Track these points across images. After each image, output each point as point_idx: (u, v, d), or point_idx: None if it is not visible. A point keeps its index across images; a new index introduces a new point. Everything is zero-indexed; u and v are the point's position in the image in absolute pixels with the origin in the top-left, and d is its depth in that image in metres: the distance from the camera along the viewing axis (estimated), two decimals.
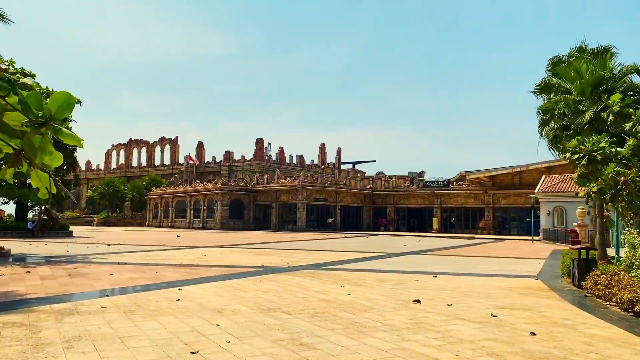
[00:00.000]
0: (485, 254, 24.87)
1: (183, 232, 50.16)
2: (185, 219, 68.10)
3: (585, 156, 13.18)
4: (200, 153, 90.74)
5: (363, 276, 13.75)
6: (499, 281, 13.35)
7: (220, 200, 61.97)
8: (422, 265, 17.99)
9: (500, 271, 16.29)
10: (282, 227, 59.64)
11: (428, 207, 61.52)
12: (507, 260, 20.94)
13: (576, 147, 14.26)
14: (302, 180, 57.63)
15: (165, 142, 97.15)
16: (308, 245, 29.23)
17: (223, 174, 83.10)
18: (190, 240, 33.47)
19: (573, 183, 43.10)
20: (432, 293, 10.82)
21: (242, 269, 15.38)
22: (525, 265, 18.70)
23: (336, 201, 60.62)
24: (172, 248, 25.68)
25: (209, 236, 41.02)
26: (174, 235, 41.16)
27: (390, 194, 63.99)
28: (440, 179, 64.04)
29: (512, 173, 55.66)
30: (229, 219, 62.20)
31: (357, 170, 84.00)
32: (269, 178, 64.02)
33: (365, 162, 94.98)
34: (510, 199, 56.23)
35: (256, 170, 78.83)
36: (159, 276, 13.50)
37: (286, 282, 12.33)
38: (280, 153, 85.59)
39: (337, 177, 65.50)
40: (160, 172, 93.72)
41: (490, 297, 10.49)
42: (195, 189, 67.29)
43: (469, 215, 59.32)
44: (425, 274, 14.75)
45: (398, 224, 63.02)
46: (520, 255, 24.58)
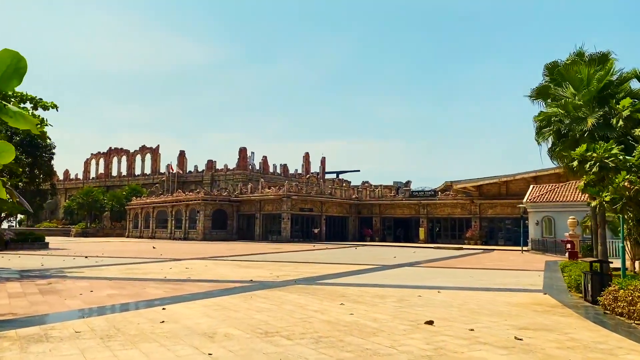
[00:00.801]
0: (479, 266, 24.12)
1: (164, 243, 48.74)
2: (167, 230, 66.55)
3: (596, 163, 12.51)
4: (182, 162, 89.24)
5: (361, 292, 12.82)
6: (506, 296, 12.52)
7: (203, 210, 60.64)
8: (419, 278, 17.13)
9: (502, 285, 15.49)
10: (266, 238, 58.47)
11: (414, 217, 60.85)
12: (504, 273, 20.18)
13: (584, 154, 13.61)
14: (286, 190, 56.62)
15: (146, 151, 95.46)
16: (295, 257, 28.20)
17: (205, 184, 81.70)
18: (173, 252, 32.22)
19: (562, 192, 42.84)
20: (440, 311, 9.93)
21: (230, 284, 14.35)
22: (525, 277, 17.93)
23: (321, 211, 59.67)
24: (153, 260, 24.49)
25: (192, 247, 39.75)
26: (156, 247, 39.81)
27: (376, 203, 63.24)
28: (426, 188, 63.53)
29: (499, 183, 55.29)
30: (211, 230, 60.86)
31: (342, 179, 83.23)
32: (253, 188, 62.90)
33: (349, 171, 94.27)
34: (497, 208, 55.82)
35: (239, 179, 77.62)
36: (140, 293, 12.42)
37: (280, 299, 11.34)
38: (263, 162, 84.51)
39: (322, 186, 64.60)
40: (140, 181, 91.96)
41: (504, 315, 9.64)
42: (177, 198, 65.85)
43: (456, 225, 58.77)
44: (425, 288, 13.87)
45: (384, 234, 62.22)
46: (515, 266, 23.87)
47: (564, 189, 43.36)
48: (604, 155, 12.29)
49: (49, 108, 16.37)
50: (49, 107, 16.33)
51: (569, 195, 42.09)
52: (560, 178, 50.62)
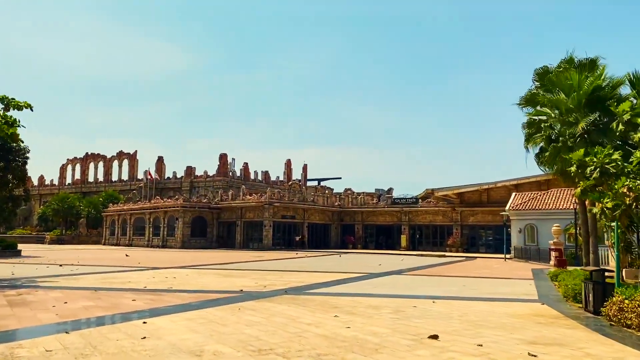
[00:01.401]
0: (466, 274, 23.70)
1: (142, 251, 47.52)
2: (144, 237, 65.08)
3: (596, 168, 12.14)
4: (160, 168, 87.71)
5: (354, 302, 12.20)
6: (504, 307, 12.03)
7: (182, 217, 59.41)
8: (410, 287, 16.58)
9: (495, 294, 15.03)
10: (247, 246, 57.49)
11: (396, 224, 60.52)
12: (493, 281, 19.76)
13: (582, 158, 13.27)
14: (268, 197, 55.80)
15: (124, 157, 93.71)
16: (279, 266, 27.48)
17: (184, 190, 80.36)
18: (151, 261, 31.21)
19: (544, 200, 42.84)
20: (441, 324, 9.37)
21: (214, 295, 13.59)
22: (516, 286, 17.51)
23: (304, 218, 58.95)
24: (131, 269, 23.54)
25: (171, 255, 38.71)
26: (132, 254, 38.66)
27: (359, 211, 62.76)
28: (408, 195, 63.32)
29: (480, 190, 55.27)
30: (190, 237, 59.63)
31: (324, 186, 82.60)
32: (234, 194, 61.92)
33: (331, 179, 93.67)
34: (479, 216, 55.76)
35: (219, 186, 76.47)
36: (118, 304, 11.62)
37: (269, 311, 10.66)
38: (244, 169, 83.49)
39: (304, 193, 63.95)
40: (118, 187, 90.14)
41: (508, 328, 9.11)
42: (155, 205, 64.51)
43: (437, 232, 58.58)
44: (419, 298, 13.32)
45: (366, 242, 61.76)
46: (503, 275, 23.50)
47: (546, 197, 43.40)
48: (604, 161, 11.94)
49: (22, 108, 15.48)
50: (22, 107, 15.44)
51: (551, 203, 42.12)
52: (541, 186, 50.82)
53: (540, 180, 50.72)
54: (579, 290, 13.02)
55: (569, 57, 20.76)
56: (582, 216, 20.60)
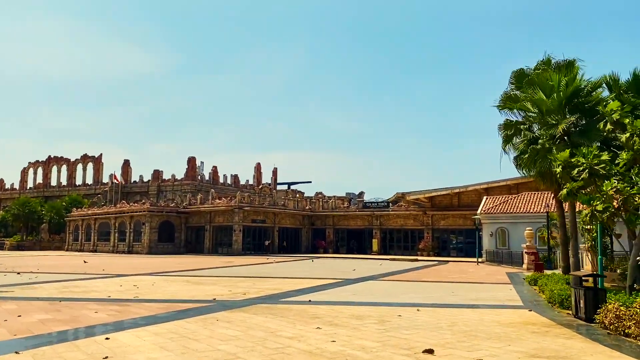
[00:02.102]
0: (443, 279, 23.27)
1: (107, 257, 45.83)
2: (109, 243, 63.06)
3: (585, 169, 11.74)
4: (126, 172, 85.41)
5: (334, 311, 11.47)
6: (491, 314, 11.49)
7: (149, 222, 57.73)
8: (390, 294, 15.94)
9: (478, 300, 14.52)
10: (215, 251, 56.19)
11: (367, 228, 60.12)
12: (472, 286, 19.32)
13: (568, 159, 12.88)
14: (238, 201, 54.65)
15: (88, 160, 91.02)
16: (251, 272, 26.58)
17: (151, 195, 78.37)
18: (116, 267, 29.88)
19: (515, 204, 42.96)
20: (432, 335, 8.72)
21: (185, 305, 12.68)
22: (497, 292, 17.10)
23: (274, 223, 57.98)
24: (95, 277, 22.31)
25: (137, 262, 37.31)
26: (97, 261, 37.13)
27: (330, 215, 62.13)
28: (379, 199, 63.08)
29: (451, 194, 55.35)
30: (158, 243, 57.97)
31: (295, 190, 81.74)
32: (203, 198, 60.54)
33: (301, 182, 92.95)
34: (449, 220, 55.78)
35: (188, 190, 74.83)
36: (79, 317, 10.62)
37: (245, 323, 9.85)
38: (213, 173, 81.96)
39: (275, 197, 63.00)
40: (82, 192, 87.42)
41: (502, 338, 8.53)
42: (121, 209, 62.60)
43: (409, 236, 58.36)
44: (402, 306, 12.69)
45: (337, 246, 61.14)
46: (480, 279, 23.15)
47: (517, 201, 43.56)
48: (593, 162, 11.55)
49: None
50: None
51: (522, 206, 42.28)
52: (511, 190, 51.13)
53: (510, 184, 51.08)
54: (565, 295, 12.62)
55: (546, 59, 20.53)
56: (560, 219, 20.36)
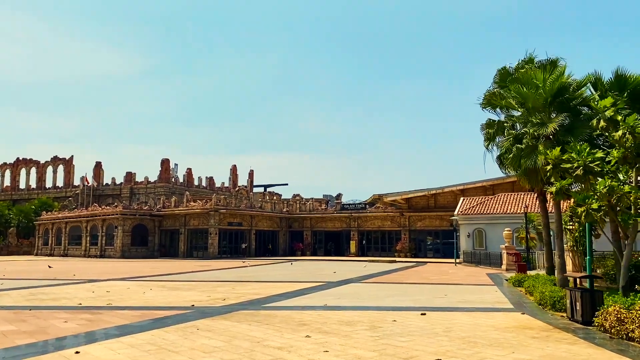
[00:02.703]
0: (425, 280, 22.89)
1: (78, 262, 44.37)
2: (81, 247, 61.34)
3: (579, 167, 11.40)
4: (98, 174, 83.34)
5: (322, 317, 10.88)
6: (485, 317, 11.05)
7: (121, 225, 56.29)
8: (376, 297, 15.41)
9: (467, 302, 14.10)
10: (191, 255, 55.03)
11: (345, 230, 59.73)
12: (457, 288, 18.94)
13: (559, 157, 12.56)
14: (214, 203, 53.62)
15: (59, 162, 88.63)
16: (229, 276, 25.80)
17: (124, 197, 76.61)
18: (88, 272, 28.75)
19: (492, 205, 43.01)
20: (430, 343, 8.21)
21: (162, 312, 11.93)
22: (484, 294, 16.74)
23: (251, 225, 57.10)
24: (65, 282, 21.27)
25: (110, 266, 36.12)
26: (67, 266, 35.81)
27: (307, 217, 61.52)
28: (357, 201, 62.73)
29: (428, 195, 55.38)
30: (131, 247, 56.55)
31: (272, 192, 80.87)
32: (177, 201, 59.29)
33: (278, 185, 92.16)
34: (426, 221, 55.78)
35: (161, 192, 73.33)
36: (46, 328, 9.81)
37: (229, 332, 9.18)
38: (188, 175, 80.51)
39: (251, 199, 62.11)
40: (52, 195, 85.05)
41: (504, 345, 8.06)
42: (93, 213, 60.94)
43: (386, 237, 58.18)
44: (391, 310, 12.17)
45: (315, 248, 60.59)
46: (462, 280, 22.84)
47: (494, 202, 43.63)
48: (587, 159, 11.22)
49: None
50: None
51: (499, 207, 42.34)
52: (487, 191, 51.35)
53: (486, 185, 51.33)
54: (557, 297, 12.28)
55: (528, 58, 20.28)
56: (544, 219, 20.14)
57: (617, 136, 11.53)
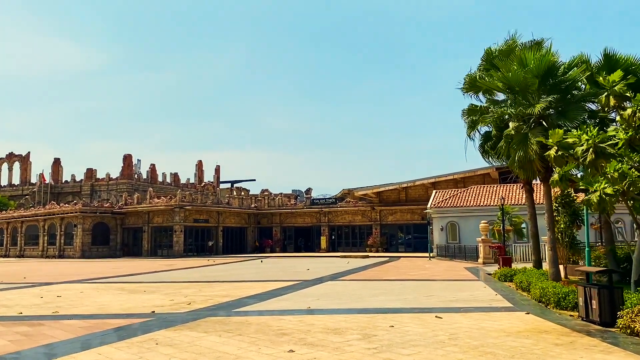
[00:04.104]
0: (404, 277, 21.66)
1: (34, 263, 41.68)
2: (38, 247, 58.23)
3: (589, 149, 10.21)
4: (56, 171, 79.72)
5: (304, 324, 9.38)
6: (488, 320, 9.75)
7: (81, 223, 53.52)
8: (359, 297, 13.99)
9: (460, 301, 12.82)
10: (155, 253, 52.72)
11: (315, 226, 58.29)
12: (443, 285, 17.72)
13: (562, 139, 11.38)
14: (179, 200, 51.41)
15: (14, 159, 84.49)
16: (195, 276, 24.04)
17: (85, 195, 73.37)
18: (41, 274, 26.53)
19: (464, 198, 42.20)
20: (439, 356, 6.81)
21: (115, 321, 10.22)
22: (474, 290, 15.53)
23: (218, 222, 55.07)
24: (12, 286, 19.15)
25: (67, 267, 33.80)
26: (20, 267, 33.35)
27: (277, 212, 59.81)
28: (327, 196, 61.35)
29: (399, 189, 54.42)
30: (92, 246, 53.85)
31: (240, 188, 78.78)
32: (140, 198, 56.78)
33: (245, 180, 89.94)
34: (397, 215, 54.87)
35: (124, 189, 70.44)
36: None
37: (194, 347, 7.59)
38: (152, 171, 77.71)
39: (218, 195, 60.09)
40: (7, 193, 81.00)
41: (528, 357, 6.73)
42: (50, 211, 57.89)
43: (357, 232, 57.01)
44: (380, 312, 10.76)
45: (284, 245, 58.97)
46: (443, 276, 21.71)
47: (467, 194, 42.85)
48: (596, 140, 10.03)
49: None
50: None
51: (472, 200, 41.58)
52: (457, 184, 50.71)
53: (457, 178, 50.73)
54: (562, 294, 11.10)
55: (511, 39, 19.20)
56: (531, 209, 19.13)
57: (626, 115, 10.41)
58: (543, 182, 16.68)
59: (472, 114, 19.69)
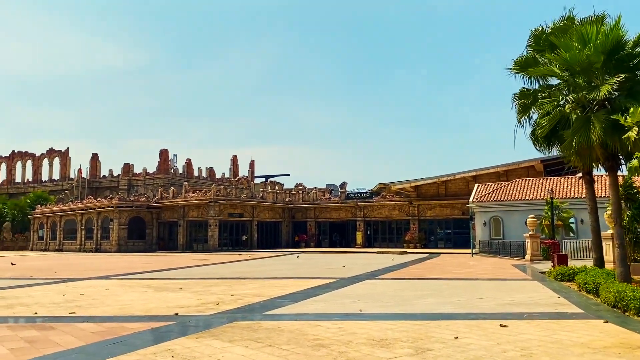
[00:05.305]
0: (449, 275, 20.13)
1: (69, 257, 41.71)
2: (76, 241, 58.74)
3: None
4: (95, 166, 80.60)
5: (344, 333, 8.09)
6: (560, 329, 8.24)
7: (117, 218, 53.61)
8: (403, 299, 12.59)
9: (519, 305, 11.29)
10: (190, 248, 52.38)
11: (351, 221, 56.92)
12: (494, 285, 16.15)
13: None
14: (214, 194, 50.83)
15: (54, 155, 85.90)
16: (227, 271, 23.06)
17: (122, 190, 73.91)
18: (72, 269, 26.05)
19: (509, 191, 40.06)
20: None
21: (133, 325, 9.14)
22: (531, 292, 13.94)
23: (252, 216, 54.32)
24: (39, 282, 18.50)
25: (101, 262, 33.44)
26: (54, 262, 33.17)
27: (311, 207, 58.68)
28: (362, 190, 59.86)
29: (438, 183, 52.41)
30: (127, 240, 53.93)
31: (274, 182, 78.03)
32: (175, 192, 56.53)
33: (280, 175, 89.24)
34: (436, 209, 53.03)
35: (160, 184, 70.59)
36: None
37: None
38: (187, 165, 77.68)
39: (252, 189, 59.30)
40: (48, 188, 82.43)
41: None
42: (88, 205, 58.23)
43: (394, 228, 55.38)
44: (430, 319, 9.37)
45: (319, 239, 57.81)
46: (491, 274, 20.08)
47: (511, 188, 40.69)
48: None
49: None
50: None
51: (516, 193, 39.45)
52: (500, 177, 48.43)
53: (500, 171, 48.46)
54: None
55: (568, 15, 17.37)
56: (591, 203, 17.32)
57: None
58: (609, 171, 14.95)
59: (523, 98, 17.96)
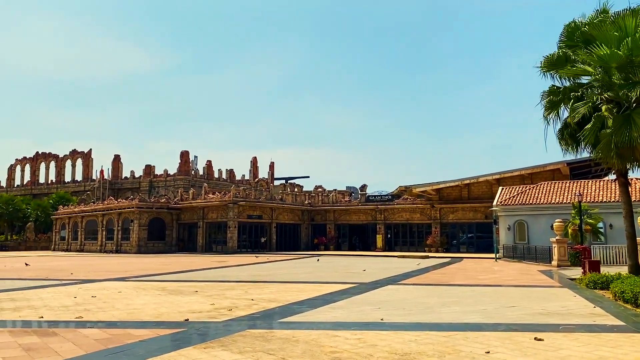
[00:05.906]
0: (473, 281, 19.30)
1: (89, 258, 41.71)
2: (97, 242, 59.03)
3: None
4: (117, 168, 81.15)
5: (364, 345, 7.43)
6: (604, 345, 7.46)
7: (138, 219, 53.66)
8: (428, 307, 11.87)
9: (552, 316, 10.50)
10: (210, 249, 52.16)
11: (371, 224, 56.08)
12: (521, 292, 15.32)
13: None
14: (233, 195, 50.52)
15: (77, 156, 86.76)
16: (245, 274, 22.54)
17: (143, 191, 74.22)
18: (88, 270, 25.80)
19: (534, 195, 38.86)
20: None
21: (139, 333, 8.60)
22: (564, 300, 13.09)
23: (271, 218, 53.89)
24: (53, 283, 18.20)
25: (119, 262, 33.26)
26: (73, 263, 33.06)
27: (331, 209, 57.98)
28: (383, 192, 58.93)
29: (460, 186, 51.28)
30: (147, 241, 53.94)
31: (294, 184, 77.58)
32: (195, 193, 56.42)
33: (299, 177, 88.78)
34: (459, 213, 51.90)
35: (181, 185, 70.68)
36: None
37: None
38: (208, 167, 77.73)
39: (272, 191, 58.90)
40: (70, 189, 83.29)
41: None
42: (108, 206, 58.44)
43: (415, 231, 54.37)
44: (458, 330, 8.66)
45: (339, 242, 57.07)
46: (517, 281, 19.20)
47: (536, 191, 39.52)
48: None
49: None
50: None
51: (542, 197, 38.28)
52: (525, 180, 47.17)
53: (524, 174, 47.19)
54: None
55: (602, 9, 16.54)
56: (627, 206, 16.40)
57: None
58: None
59: (553, 95, 17.14)
